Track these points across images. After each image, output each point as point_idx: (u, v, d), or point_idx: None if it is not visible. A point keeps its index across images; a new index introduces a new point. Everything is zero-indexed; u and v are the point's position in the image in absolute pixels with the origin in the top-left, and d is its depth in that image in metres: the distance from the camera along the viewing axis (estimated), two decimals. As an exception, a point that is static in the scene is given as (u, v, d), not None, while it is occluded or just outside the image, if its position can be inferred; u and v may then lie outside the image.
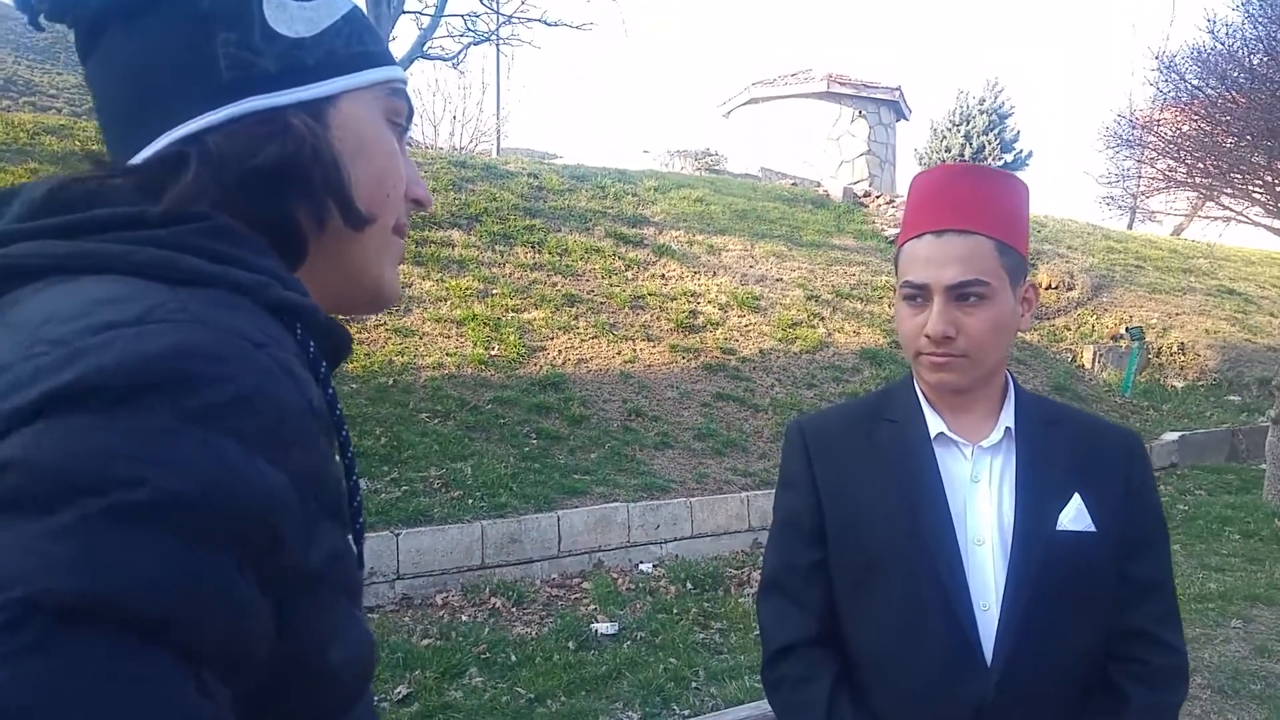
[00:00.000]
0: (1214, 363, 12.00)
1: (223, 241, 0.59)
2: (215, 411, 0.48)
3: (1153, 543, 1.33)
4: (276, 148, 0.63)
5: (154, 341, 0.48)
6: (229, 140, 0.62)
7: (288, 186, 0.64)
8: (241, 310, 0.55)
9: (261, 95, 0.64)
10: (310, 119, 0.65)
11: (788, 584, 1.37)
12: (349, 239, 0.68)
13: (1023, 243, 1.31)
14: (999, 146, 24.60)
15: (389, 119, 0.72)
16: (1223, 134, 8.14)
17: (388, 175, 0.71)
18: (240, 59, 0.63)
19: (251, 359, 0.51)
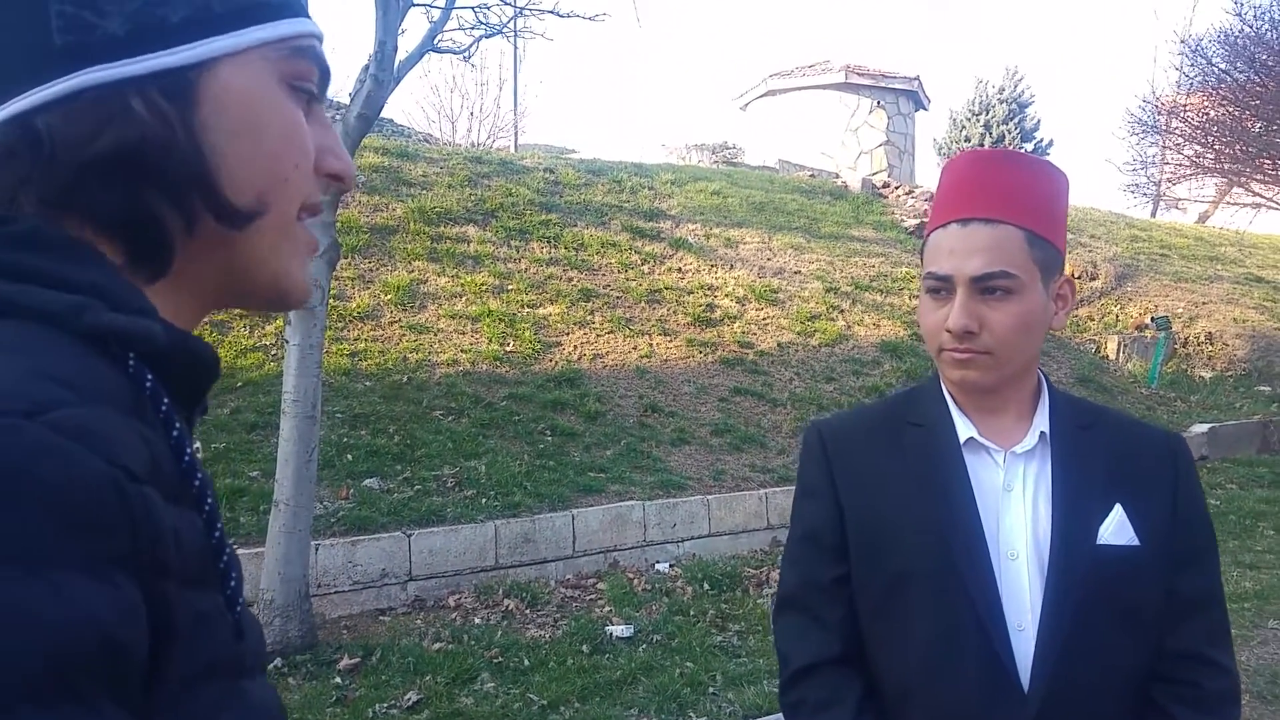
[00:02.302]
0: (1243, 352, 11.76)
1: (27, 251, 0.48)
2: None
3: (1202, 555, 1.22)
4: (116, 134, 0.51)
5: None
6: (63, 123, 0.50)
7: (138, 181, 0.52)
8: (30, 353, 0.45)
9: (103, 65, 0.51)
10: (163, 96, 0.52)
11: (808, 600, 1.27)
12: (230, 239, 0.56)
13: (1059, 235, 1.20)
14: (1019, 135, 24.30)
15: (290, 84, 0.59)
16: (1251, 118, 7.94)
17: (285, 154, 0.58)
18: (76, 19, 0.50)
19: (16, 442, 0.40)
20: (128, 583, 0.41)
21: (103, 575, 0.40)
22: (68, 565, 0.39)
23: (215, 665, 0.47)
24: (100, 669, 0.39)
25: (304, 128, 0.60)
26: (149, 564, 0.43)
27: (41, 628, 0.37)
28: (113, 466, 0.42)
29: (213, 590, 0.49)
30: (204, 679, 0.46)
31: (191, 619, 0.46)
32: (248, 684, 0.50)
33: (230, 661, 0.49)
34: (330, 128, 0.63)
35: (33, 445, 0.40)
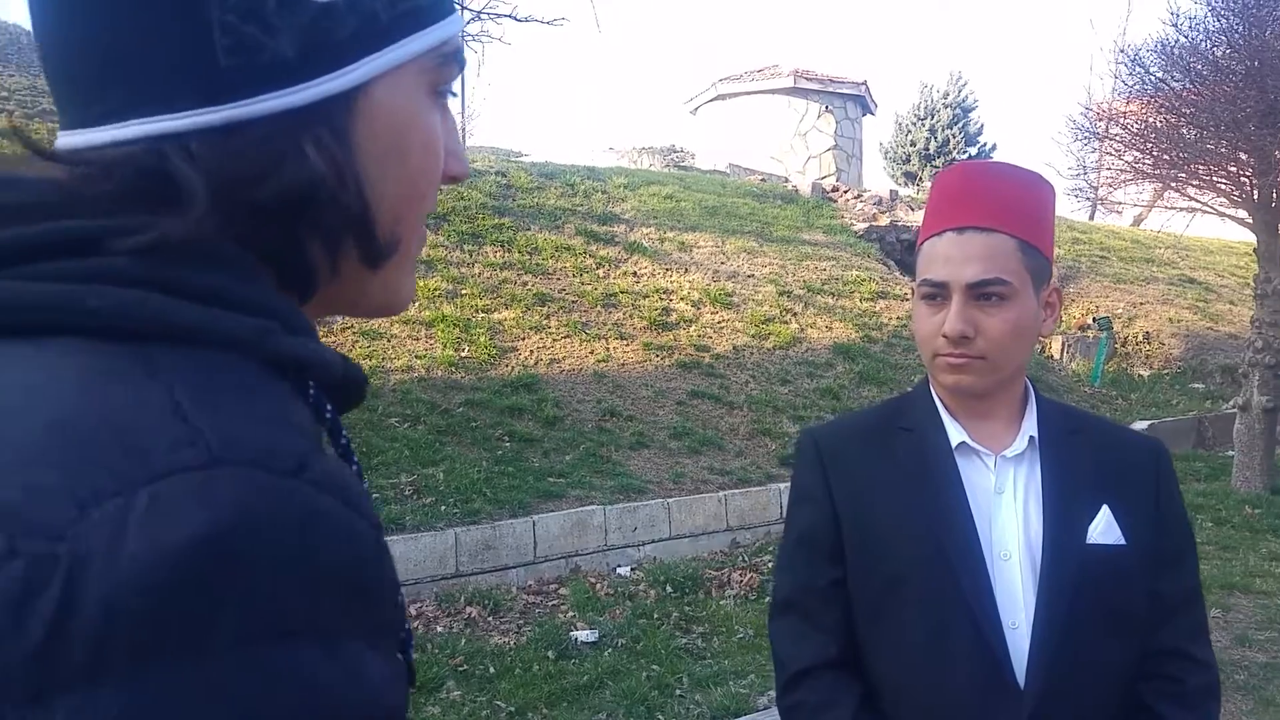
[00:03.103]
0: (1178, 351, 12.14)
1: (207, 269, 0.43)
2: (276, 614, 0.34)
3: (1182, 556, 1.27)
4: (282, 180, 0.45)
5: (163, 534, 0.32)
6: (218, 159, 0.43)
7: (296, 226, 0.47)
8: (250, 392, 0.41)
9: (269, 94, 0.44)
10: (332, 136, 0.46)
11: (804, 604, 1.29)
12: (367, 274, 0.52)
13: (1047, 244, 1.24)
14: (963, 140, 24.78)
15: (436, 91, 0.52)
16: (1186, 126, 8.19)
17: (426, 172, 0.52)
18: (245, 40, 0.43)
19: (299, 508, 0.36)
20: (393, 650, 0.40)
21: (379, 646, 0.38)
22: (355, 639, 0.37)
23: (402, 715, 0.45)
24: None
25: (441, 139, 0.54)
26: (397, 621, 0.41)
27: (343, 709, 0.36)
28: (373, 525, 0.40)
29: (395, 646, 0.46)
30: None
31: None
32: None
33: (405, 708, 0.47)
34: (455, 128, 0.57)
35: (312, 509, 0.37)
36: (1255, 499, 7.45)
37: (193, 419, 0.37)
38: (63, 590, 0.31)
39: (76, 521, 0.32)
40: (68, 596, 0.31)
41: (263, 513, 0.35)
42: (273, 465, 0.37)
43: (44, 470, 0.34)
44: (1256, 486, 7.72)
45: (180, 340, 0.40)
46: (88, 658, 0.31)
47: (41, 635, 0.31)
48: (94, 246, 0.41)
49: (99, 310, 0.39)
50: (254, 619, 0.34)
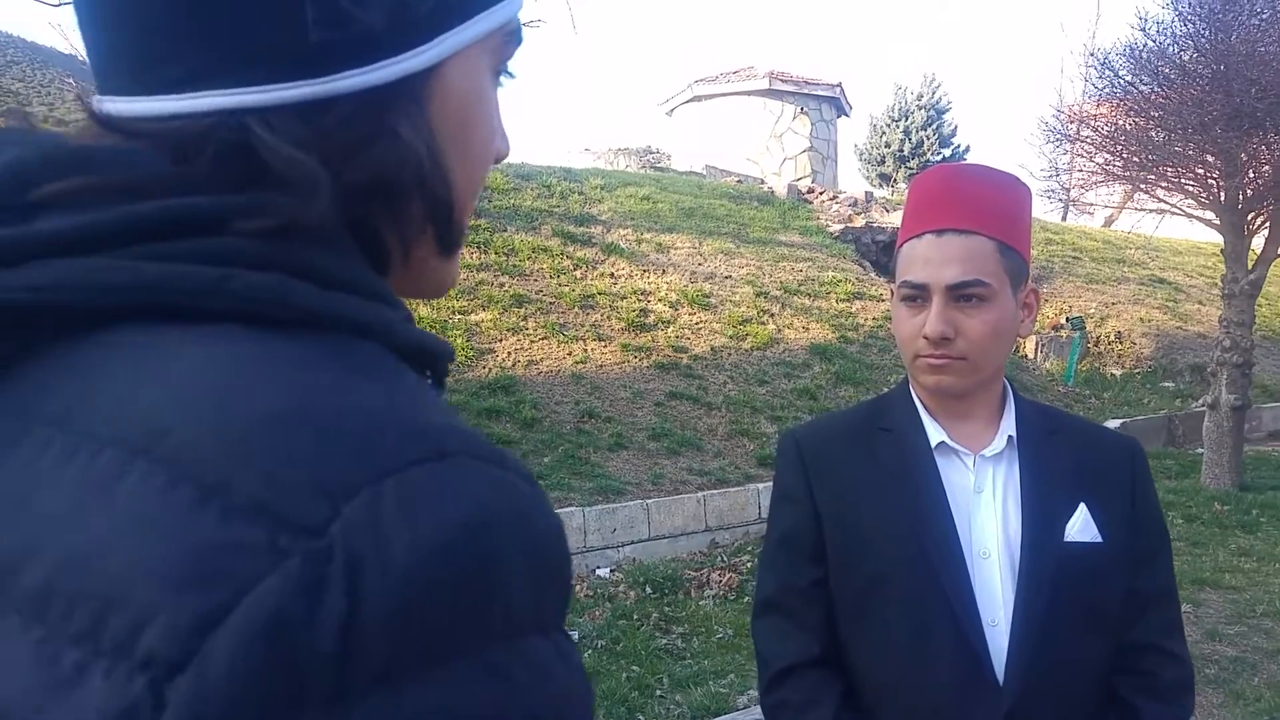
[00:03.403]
0: (1149, 350, 12.31)
1: (329, 253, 0.41)
2: (518, 610, 0.35)
3: (1157, 553, 1.30)
4: (373, 162, 0.43)
5: (421, 530, 0.32)
6: (307, 135, 0.41)
7: (378, 211, 0.45)
8: (412, 381, 0.40)
9: (359, 70, 0.42)
10: (418, 113, 0.44)
11: (787, 604, 1.30)
12: (436, 262, 0.50)
13: (1025, 246, 1.26)
14: (937, 141, 24.99)
15: (495, 71, 0.51)
16: (1155, 128, 8.31)
17: (483, 159, 0.50)
18: (337, 11, 0.41)
19: (522, 501, 0.36)
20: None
21: (566, 637, 0.38)
22: (560, 630, 0.37)
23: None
24: None
25: (499, 120, 0.52)
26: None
27: (575, 702, 0.36)
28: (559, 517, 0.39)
29: None
30: None
31: None
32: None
33: None
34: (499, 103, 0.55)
35: (528, 503, 0.37)
36: (1224, 495, 7.57)
37: (400, 406, 0.36)
38: (347, 589, 0.31)
39: (333, 519, 0.32)
40: (354, 596, 0.31)
41: (499, 506, 0.35)
42: (486, 457, 0.37)
43: (280, 464, 0.33)
44: (1225, 483, 7.84)
45: (323, 328, 0.39)
46: (382, 660, 0.31)
47: (336, 636, 0.30)
48: (214, 226, 0.39)
49: (240, 295, 0.38)
50: (505, 613, 0.34)
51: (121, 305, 0.37)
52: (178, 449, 0.33)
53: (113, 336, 0.37)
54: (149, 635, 0.30)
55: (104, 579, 0.31)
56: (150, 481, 0.32)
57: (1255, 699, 3.95)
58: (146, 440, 0.33)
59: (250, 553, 0.31)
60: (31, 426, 0.35)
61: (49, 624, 0.31)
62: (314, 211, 0.40)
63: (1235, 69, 7.08)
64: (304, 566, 0.31)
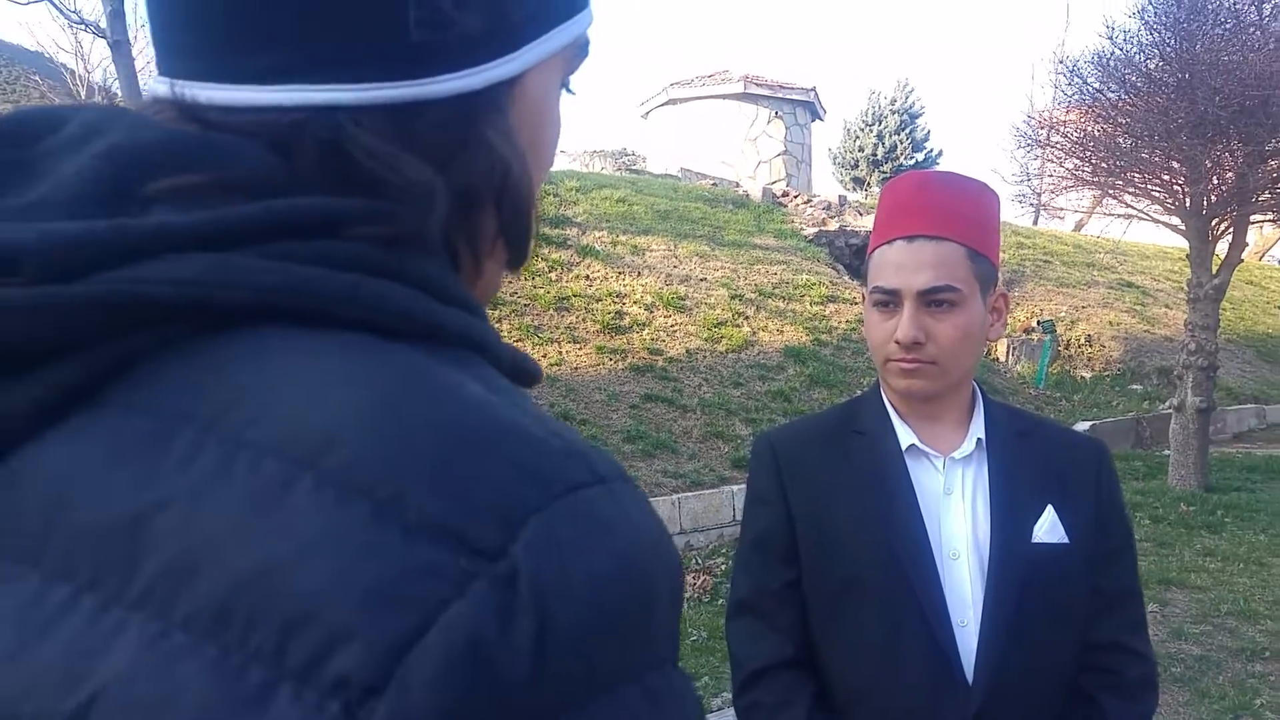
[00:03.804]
0: (1118, 354, 12.49)
1: (438, 266, 0.40)
2: (664, 637, 0.35)
3: (1121, 553, 1.32)
4: (460, 169, 0.41)
5: (594, 555, 0.33)
6: (399, 137, 0.40)
7: (459, 221, 0.43)
8: (526, 397, 0.39)
9: (454, 74, 0.40)
10: (504, 122, 0.43)
11: (760, 605, 1.32)
12: (498, 278, 0.49)
13: (994, 251, 1.29)
14: (910, 146, 25.19)
15: (563, 83, 0.50)
16: (1122, 135, 8.44)
17: (549, 165, 0.50)
18: (438, 11, 0.39)
19: (658, 531, 0.36)
20: None
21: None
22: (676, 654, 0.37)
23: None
24: None
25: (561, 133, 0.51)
26: None
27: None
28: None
29: None
30: None
31: None
32: None
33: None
34: None
35: (660, 531, 0.36)
36: (1190, 496, 7.69)
37: (548, 429, 0.36)
38: (537, 616, 0.30)
39: (511, 542, 0.31)
40: (542, 618, 0.31)
41: (652, 533, 0.35)
42: (628, 479, 0.37)
43: (457, 481, 0.32)
44: (1191, 484, 7.97)
45: (444, 342, 0.39)
46: (570, 685, 0.31)
47: (530, 657, 0.30)
48: (328, 230, 0.38)
49: (373, 304, 0.37)
50: (658, 640, 0.34)
51: (263, 306, 0.35)
52: (345, 463, 0.32)
53: (251, 338, 0.35)
54: (340, 658, 0.29)
55: (286, 598, 0.30)
56: (321, 496, 0.31)
57: (1220, 697, 4.02)
58: (311, 452, 0.32)
59: (438, 574, 0.30)
60: (176, 427, 0.34)
61: (226, 642, 0.30)
62: (433, 222, 0.40)
63: (1200, 77, 7.21)
64: (492, 589, 0.30)
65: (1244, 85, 7.00)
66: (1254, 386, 13.24)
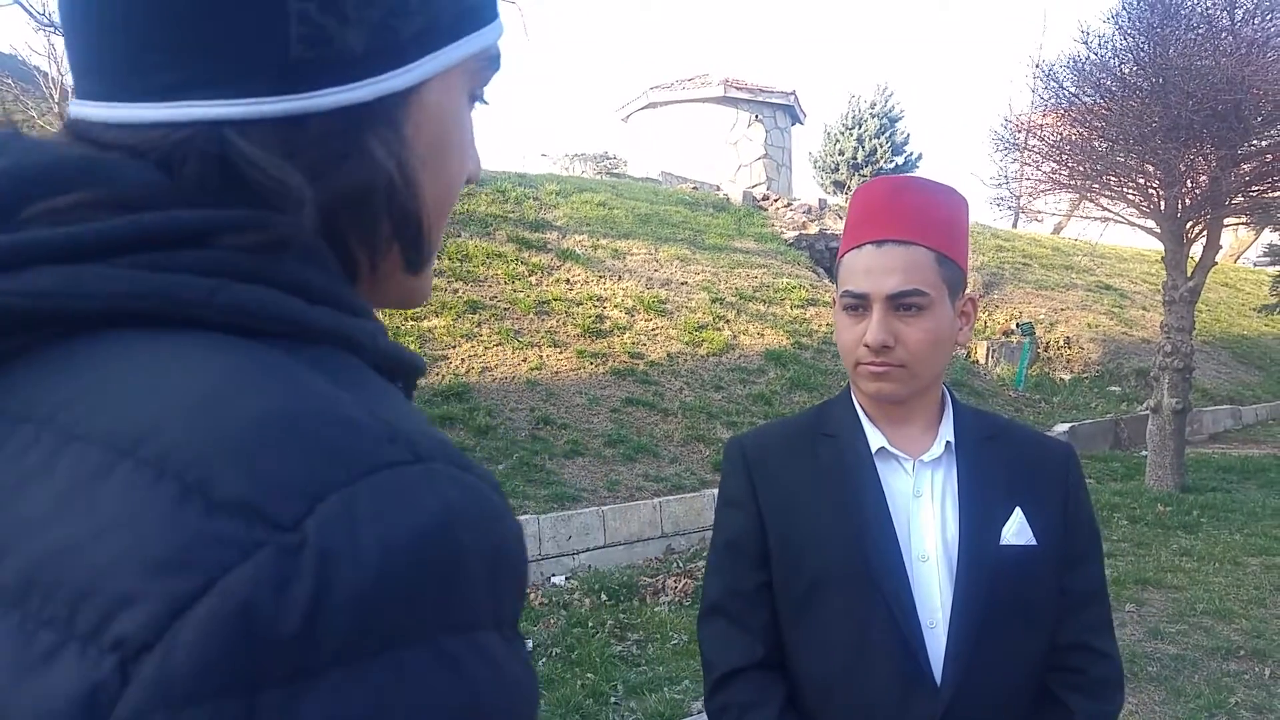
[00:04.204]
0: (1096, 355, 12.59)
1: (314, 269, 0.43)
2: (476, 605, 0.37)
3: (1088, 554, 1.33)
4: (347, 177, 0.44)
5: (392, 528, 0.34)
6: (283, 149, 0.43)
7: (349, 226, 0.46)
8: (388, 390, 0.42)
9: (337, 88, 0.43)
10: (392, 134, 0.46)
11: (731, 608, 1.32)
12: (401, 278, 0.51)
13: (963, 256, 1.29)
14: (890, 149, 25.33)
15: (472, 94, 0.52)
16: (1098, 139, 8.52)
17: (459, 175, 0.52)
18: (320, 30, 0.42)
19: (485, 503, 0.38)
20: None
21: (519, 636, 0.40)
22: (513, 628, 0.39)
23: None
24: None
25: (472, 144, 0.54)
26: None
27: (524, 696, 0.38)
28: (517, 523, 0.41)
29: None
30: None
31: None
32: None
33: None
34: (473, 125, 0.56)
35: (492, 506, 0.39)
36: (1167, 497, 7.76)
37: (380, 414, 0.38)
38: (315, 579, 0.32)
39: (308, 515, 0.33)
40: (321, 586, 0.32)
41: (463, 508, 0.37)
42: (457, 462, 0.39)
43: (269, 467, 0.34)
44: (1168, 485, 8.05)
45: (309, 340, 0.41)
46: (342, 643, 0.33)
47: (299, 621, 0.32)
48: (203, 239, 0.40)
49: (228, 306, 0.39)
50: (463, 607, 0.36)
51: (116, 311, 0.38)
52: (164, 449, 0.34)
53: (106, 342, 0.38)
54: (123, 619, 0.31)
55: (83, 570, 0.32)
56: (134, 479, 0.33)
57: (1195, 695, 4.05)
58: (134, 441, 0.34)
59: (226, 543, 0.32)
60: (19, 425, 0.36)
61: (27, 610, 0.32)
62: (302, 228, 0.42)
63: (1173, 82, 7.28)
64: (276, 556, 0.32)
65: (1216, 89, 7.08)
66: (1230, 388, 13.40)
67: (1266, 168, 8.02)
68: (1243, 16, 7.71)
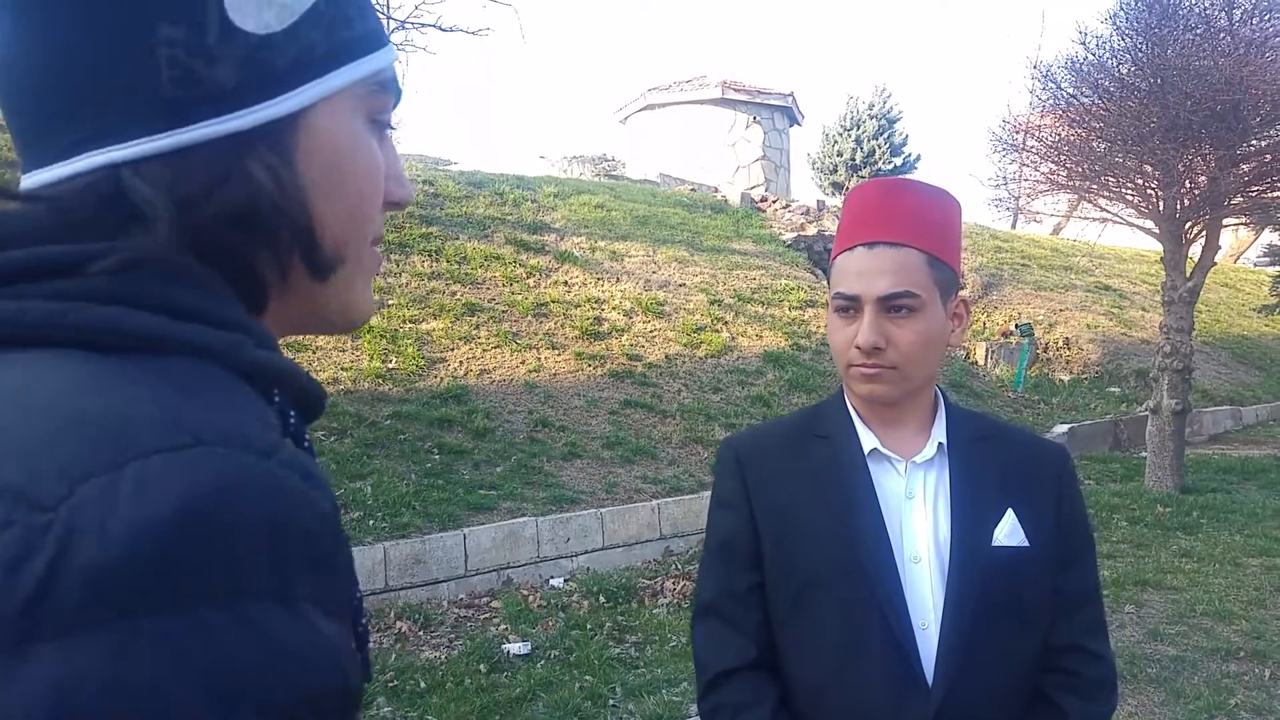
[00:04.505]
0: (1095, 356, 12.58)
1: (180, 287, 0.47)
2: (250, 577, 0.38)
3: (1081, 556, 1.32)
4: (228, 196, 0.49)
5: (148, 503, 0.37)
6: (166, 182, 0.48)
7: (244, 239, 0.51)
8: (223, 391, 0.45)
9: (213, 120, 0.49)
10: (274, 154, 0.51)
11: (724, 608, 1.31)
12: (315, 286, 0.56)
13: (955, 258, 1.29)
14: (889, 150, 25.33)
15: (373, 119, 0.57)
16: (1096, 139, 8.51)
17: (367, 195, 0.57)
18: (188, 69, 0.48)
19: (271, 484, 0.41)
20: (345, 620, 0.44)
21: (331, 613, 0.42)
22: (314, 604, 0.41)
23: (357, 701, 0.49)
24: (340, 708, 0.42)
25: (381, 164, 0.58)
26: (349, 599, 0.46)
27: (304, 669, 0.39)
28: (334, 506, 0.44)
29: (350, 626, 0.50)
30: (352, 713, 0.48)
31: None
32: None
33: (360, 698, 0.50)
34: (396, 153, 0.61)
35: (282, 486, 0.41)
36: (1166, 498, 7.75)
37: (175, 410, 0.41)
38: (54, 553, 0.35)
39: (67, 496, 0.37)
40: (58, 558, 0.35)
41: (237, 486, 0.39)
42: (247, 447, 0.41)
43: (44, 457, 0.38)
44: (1167, 486, 8.03)
45: (163, 351, 0.45)
46: (72, 612, 0.35)
47: (31, 590, 0.35)
48: (77, 269, 0.46)
49: (79, 325, 0.44)
50: (227, 579, 0.38)
51: None
52: None
53: None
54: None
55: None
56: None
57: (1195, 697, 4.03)
58: None
59: None
60: None
61: None
62: (152, 247, 0.47)
63: (1171, 82, 7.28)
64: (22, 534, 0.36)
65: (1215, 90, 7.08)
66: (1230, 388, 13.39)
67: (1265, 168, 8.01)
68: (1241, 17, 7.72)
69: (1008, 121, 9.56)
